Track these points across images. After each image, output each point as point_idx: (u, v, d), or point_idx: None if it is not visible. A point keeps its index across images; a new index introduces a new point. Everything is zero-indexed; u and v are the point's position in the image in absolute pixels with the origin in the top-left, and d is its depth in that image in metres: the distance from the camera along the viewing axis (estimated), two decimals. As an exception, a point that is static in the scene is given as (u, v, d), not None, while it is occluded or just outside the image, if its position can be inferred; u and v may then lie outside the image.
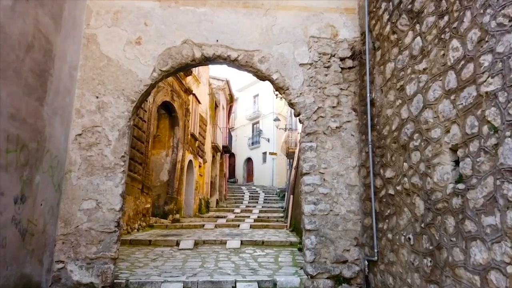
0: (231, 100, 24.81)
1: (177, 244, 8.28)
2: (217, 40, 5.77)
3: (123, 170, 5.37)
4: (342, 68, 6.05)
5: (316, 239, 5.40)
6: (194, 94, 15.62)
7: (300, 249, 7.86)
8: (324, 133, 5.82)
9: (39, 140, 4.50)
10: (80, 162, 5.30)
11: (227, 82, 22.27)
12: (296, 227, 9.86)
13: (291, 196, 11.46)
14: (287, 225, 11.22)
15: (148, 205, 11.39)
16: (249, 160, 34.56)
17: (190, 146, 15.36)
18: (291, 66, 5.95)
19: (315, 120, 5.85)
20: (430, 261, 3.67)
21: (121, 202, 5.25)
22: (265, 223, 12.56)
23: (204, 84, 18.08)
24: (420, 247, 3.90)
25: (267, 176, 31.68)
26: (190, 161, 15.54)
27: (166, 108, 13.81)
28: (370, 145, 5.29)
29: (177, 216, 13.69)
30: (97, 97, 5.52)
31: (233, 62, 5.91)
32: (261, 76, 6.05)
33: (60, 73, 4.94)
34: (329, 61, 6.02)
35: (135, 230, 10.11)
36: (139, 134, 10.68)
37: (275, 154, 29.63)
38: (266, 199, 22.75)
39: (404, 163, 4.33)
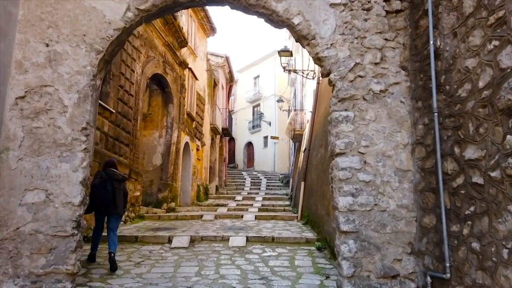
0: (231, 79, 23.06)
1: (169, 241, 6.79)
2: (216, -34, 4.14)
3: (85, 148, 3.81)
4: (387, 12, 4.46)
5: (355, 245, 3.88)
6: (190, 69, 13.93)
7: (320, 248, 6.39)
8: (364, 99, 4.25)
9: None
10: (22, 136, 3.74)
11: (227, 59, 20.48)
12: (311, 220, 8.38)
13: (303, 183, 9.95)
14: (298, 216, 9.74)
15: (138, 193, 9.87)
16: (249, 145, 33.20)
17: (186, 127, 13.76)
18: (319, 7, 4.35)
19: (351, 81, 4.27)
20: None
21: (82, 193, 3.71)
22: (272, 213, 11.07)
23: (201, 59, 16.36)
24: (547, 270, 2.38)
25: (268, 161, 30.37)
26: (187, 144, 13.97)
27: (159, 83, 12.17)
28: (436, 113, 3.72)
29: (173, 204, 12.19)
30: (47, 45, 3.92)
31: (238, 0, 4.29)
32: (277, 21, 4.44)
33: (-17, 3, 3.33)
34: (369, 1, 4.42)
35: (121, 222, 8.62)
36: (125, 110, 9.08)
37: (277, 138, 28.16)
38: (268, 186, 21.36)
39: (508, 136, 2.78)
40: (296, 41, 4.60)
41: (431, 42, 3.86)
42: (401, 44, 4.40)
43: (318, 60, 4.39)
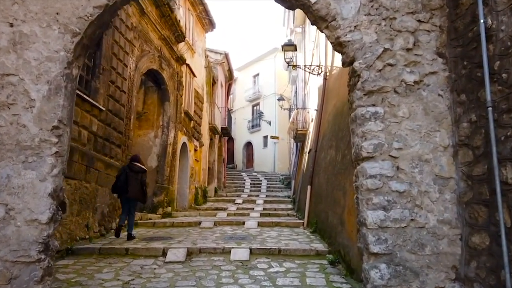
0: (230, 77, 22.31)
1: (164, 253, 6.06)
2: None
3: (57, 152, 3.09)
4: (419, -12, 3.75)
5: (388, 270, 3.18)
6: (188, 65, 13.20)
7: (333, 262, 5.68)
8: (396, 92, 3.55)
9: None
10: (-23, 137, 3.02)
11: (226, 56, 19.74)
12: (320, 228, 7.67)
13: (309, 187, 9.24)
14: (304, 222, 9.03)
15: (131, 198, 9.12)
16: (249, 145, 32.52)
17: (183, 126, 13.03)
18: (340, -18, 3.64)
19: (379, 70, 3.57)
20: None
21: (51, 207, 2.98)
22: (275, 218, 10.35)
23: (199, 55, 15.62)
24: None
25: (268, 162, 29.68)
26: (184, 144, 13.24)
27: (154, 79, 11.44)
28: (490, 108, 3.02)
29: (169, 209, 11.47)
30: (11, 25, 3.21)
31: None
32: (290, 0, 3.73)
33: None
34: (399, -24, 3.71)
35: (112, 231, 7.89)
36: (117, 108, 8.35)
37: (277, 137, 27.48)
38: (269, 187, 20.65)
39: None
40: (312, 24, 3.89)
41: (482, 21, 3.16)
42: (437, 27, 3.70)
43: (339, 45, 3.69)
